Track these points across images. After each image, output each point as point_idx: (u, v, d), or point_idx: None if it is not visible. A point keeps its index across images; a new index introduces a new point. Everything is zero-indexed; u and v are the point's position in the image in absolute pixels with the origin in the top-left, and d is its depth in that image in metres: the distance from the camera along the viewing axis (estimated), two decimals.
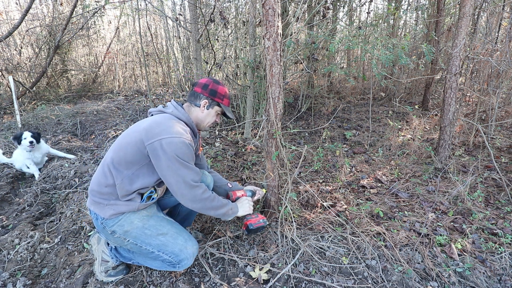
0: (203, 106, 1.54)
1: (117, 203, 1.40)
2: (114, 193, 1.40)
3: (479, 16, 4.14)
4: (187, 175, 1.36)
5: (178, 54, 6.52)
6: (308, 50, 3.80)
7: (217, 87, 1.56)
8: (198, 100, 1.54)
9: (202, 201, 1.42)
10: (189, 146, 1.38)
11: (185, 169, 1.36)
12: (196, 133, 1.57)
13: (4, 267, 1.70)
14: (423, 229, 1.94)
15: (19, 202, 2.43)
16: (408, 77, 5.39)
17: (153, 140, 1.32)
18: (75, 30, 5.97)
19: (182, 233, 1.49)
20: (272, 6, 1.54)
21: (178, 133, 1.36)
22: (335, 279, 1.58)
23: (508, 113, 3.76)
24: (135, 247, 1.45)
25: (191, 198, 1.40)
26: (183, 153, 1.35)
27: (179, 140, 1.34)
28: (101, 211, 1.40)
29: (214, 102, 1.56)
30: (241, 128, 4.06)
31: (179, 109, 1.51)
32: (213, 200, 1.48)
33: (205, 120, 1.58)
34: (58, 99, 5.89)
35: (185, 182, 1.36)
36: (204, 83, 1.56)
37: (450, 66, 2.59)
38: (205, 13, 4.12)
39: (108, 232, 1.42)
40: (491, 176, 2.62)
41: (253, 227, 1.62)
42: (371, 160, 3.14)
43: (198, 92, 1.55)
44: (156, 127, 1.36)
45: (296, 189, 2.47)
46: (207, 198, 1.44)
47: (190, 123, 1.51)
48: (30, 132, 2.83)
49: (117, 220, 1.41)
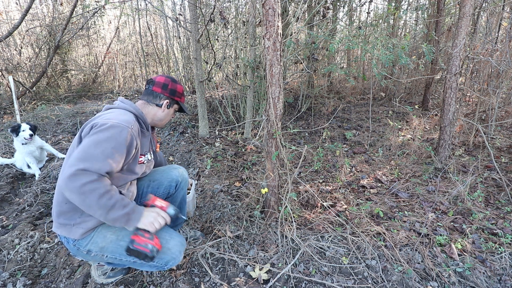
0: (164, 106, 1.52)
1: (84, 220, 1.27)
2: (76, 208, 1.26)
3: (479, 16, 4.14)
4: (96, 159, 1.12)
5: (178, 54, 6.52)
6: (308, 50, 3.80)
7: (176, 86, 1.55)
8: (158, 99, 1.50)
9: (90, 194, 1.10)
10: (126, 133, 1.22)
11: (96, 150, 1.14)
12: (148, 127, 1.47)
13: (4, 267, 1.70)
14: (423, 229, 1.94)
15: (19, 202, 2.43)
16: (408, 77, 5.40)
17: (88, 126, 1.22)
18: (75, 30, 5.97)
19: (161, 235, 1.37)
20: (272, 6, 1.54)
21: (118, 120, 1.23)
22: (335, 279, 1.58)
23: (508, 113, 3.76)
24: (116, 261, 1.36)
25: (69, 184, 1.09)
26: (115, 136, 1.18)
27: (115, 124, 1.20)
28: (69, 233, 1.28)
29: (174, 101, 1.55)
30: (241, 128, 4.06)
31: (126, 101, 1.43)
32: (101, 196, 1.12)
33: (165, 119, 1.57)
34: (58, 99, 5.89)
35: (89, 162, 1.11)
36: (163, 82, 1.51)
37: (450, 66, 2.59)
38: (205, 13, 4.11)
39: (84, 253, 1.32)
40: (491, 176, 2.62)
41: (133, 247, 1.22)
42: (371, 160, 3.14)
43: (157, 92, 1.50)
44: (93, 120, 1.26)
45: (296, 189, 2.47)
46: (93, 191, 1.10)
47: (141, 115, 1.42)
48: (28, 124, 2.82)
49: (90, 238, 1.30)
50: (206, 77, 3.63)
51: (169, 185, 1.69)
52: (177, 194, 1.76)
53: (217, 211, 2.20)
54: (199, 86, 3.63)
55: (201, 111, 3.75)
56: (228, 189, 2.54)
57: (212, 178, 2.73)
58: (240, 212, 2.17)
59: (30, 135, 2.77)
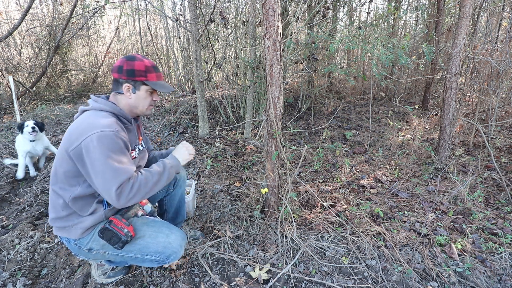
0: (127, 92, 1.32)
1: (82, 221, 1.29)
2: (73, 212, 1.29)
3: (479, 16, 4.14)
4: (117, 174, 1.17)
5: (178, 54, 6.52)
6: (308, 50, 3.80)
7: (133, 64, 1.30)
8: (120, 86, 1.32)
9: (139, 192, 1.22)
10: (116, 138, 1.20)
11: (114, 165, 1.17)
12: (130, 120, 1.38)
13: (4, 267, 1.70)
14: (423, 229, 1.94)
15: (19, 202, 2.43)
16: (408, 77, 5.40)
17: (75, 145, 1.17)
18: (75, 30, 5.97)
19: (161, 230, 1.39)
20: (272, 6, 1.54)
21: (101, 127, 1.18)
22: (335, 279, 1.58)
23: (508, 113, 3.77)
24: (118, 257, 1.38)
25: (126, 198, 1.20)
26: (110, 147, 1.17)
27: (101, 134, 1.16)
28: (70, 234, 1.30)
29: (138, 83, 1.32)
30: (241, 128, 4.06)
31: (99, 100, 1.32)
32: (146, 183, 1.25)
33: (139, 105, 1.37)
34: (58, 99, 5.89)
35: (115, 180, 1.16)
36: (118, 65, 1.32)
37: (450, 66, 2.59)
38: (205, 13, 4.11)
39: (85, 251, 1.34)
40: (491, 176, 2.62)
41: (110, 227, 1.26)
42: (371, 160, 3.14)
43: (116, 78, 1.33)
44: (75, 131, 1.21)
45: (296, 189, 2.47)
46: (141, 185, 1.22)
47: (118, 111, 1.31)
48: (34, 120, 2.86)
49: (91, 236, 1.32)
50: (206, 77, 3.63)
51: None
52: (176, 191, 1.76)
53: (217, 211, 2.20)
54: (199, 86, 3.63)
55: (201, 111, 3.75)
56: (228, 189, 2.54)
57: (212, 178, 2.74)
58: (240, 212, 2.17)
59: (32, 128, 2.77)
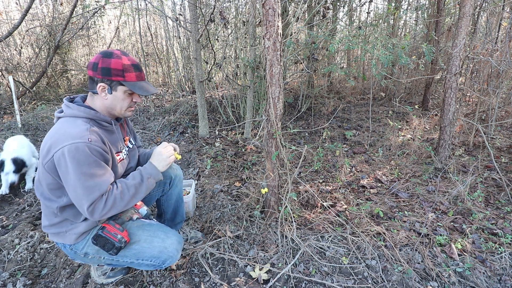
0: (101, 92, 1.20)
1: (75, 227, 1.27)
2: (66, 219, 1.27)
3: (479, 16, 4.14)
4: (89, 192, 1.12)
5: (178, 54, 6.52)
6: (308, 50, 3.80)
7: (109, 62, 1.16)
8: (95, 86, 1.20)
9: (115, 206, 1.18)
10: (88, 150, 1.11)
11: (85, 183, 1.11)
12: (110, 122, 1.27)
13: (4, 267, 1.70)
14: (423, 229, 1.94)
15: (19, 202, 2.43)
16: (408, 77, 5.40)
17: (48, 158, 1.12)
18: (75, 30, 5.96)
19: (157, 234, 1.35)
20: (272, 6, 1.54)
21: (71, 138, 1.10)
22: (335, 279, 1.58)
23: (508, 113, 3.77)
24: (114, 262, 1.36)
25: (100, 214, 1.17)
26: (81, 161, 1.09)
27: (72, 147, 1.08)
28: (64, 240, 1.29)
29: (115, 83, 1.19)
30: (241, 128, 4.06)
31: (72, 105, 1.21)
32: (122, 198, 1.19)
33: (116, 107, 1.24)
34: (58, 99, 5.89)
35: (87, 198, 1.12)
36: (93, 62, 1.18)
37: (450, 66, 2.59)
38: (205, 13, 4.12)
39: (81, 256, 1.33)
40: (491, 176, 2.62)
41: (103, 234, 1.23)
42: (371, 160, 3.14)
43: (91, 76, 1.19)
44: (48, 142, 1.14)
45: (296, 189, 2.47)
46: (116, 200, 1.18)
47: (93, 115, 1.21)
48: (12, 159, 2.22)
49: (86, 241, 1.30)
50: (206, 77, 3.63)
51: (163, 182, 1.68)
52: (172, 191, 1.74)
53: (217, 211, 2.20)
54: (199, 86, 3.63)
55: (201, 111, 3.75)
56: (228, 189, 2.54)
57: (212, 178, 2.74)
58: (240, 212, 2.17)
59: (12, 183, 2.20)
